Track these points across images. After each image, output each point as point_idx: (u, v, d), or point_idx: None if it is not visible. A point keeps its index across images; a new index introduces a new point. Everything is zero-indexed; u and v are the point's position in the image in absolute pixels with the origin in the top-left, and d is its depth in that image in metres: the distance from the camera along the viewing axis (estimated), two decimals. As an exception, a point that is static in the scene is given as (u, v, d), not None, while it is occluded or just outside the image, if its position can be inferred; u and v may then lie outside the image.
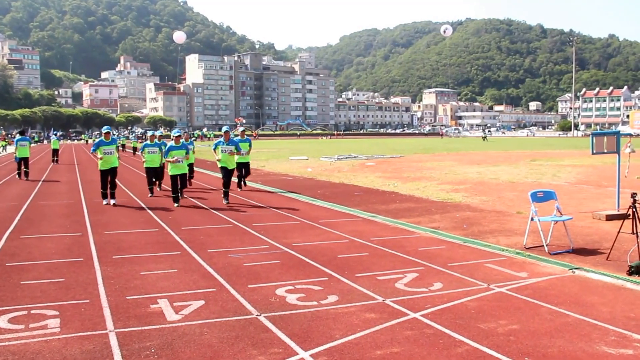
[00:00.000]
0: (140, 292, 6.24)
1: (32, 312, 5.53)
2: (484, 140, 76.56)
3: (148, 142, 15.68)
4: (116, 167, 13.84)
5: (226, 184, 14.09)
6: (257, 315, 5.45)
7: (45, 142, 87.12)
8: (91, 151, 13.92)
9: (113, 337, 4.84)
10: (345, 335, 4.89)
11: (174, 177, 13.56)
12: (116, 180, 14.14)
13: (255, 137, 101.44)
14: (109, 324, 5.19)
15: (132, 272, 7.11)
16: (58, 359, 4.40)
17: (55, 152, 33.59)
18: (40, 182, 20.66)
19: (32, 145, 34.85)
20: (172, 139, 13.74)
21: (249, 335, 4.91)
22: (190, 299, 5.95)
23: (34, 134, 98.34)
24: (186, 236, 9.62)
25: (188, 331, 5.02)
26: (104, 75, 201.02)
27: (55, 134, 45.44)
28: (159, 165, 15.66)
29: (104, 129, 14.03)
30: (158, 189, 16.68)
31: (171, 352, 4.53)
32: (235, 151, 14.49)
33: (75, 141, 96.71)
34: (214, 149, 14.47)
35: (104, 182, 13.83)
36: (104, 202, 13.83)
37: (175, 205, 13.38)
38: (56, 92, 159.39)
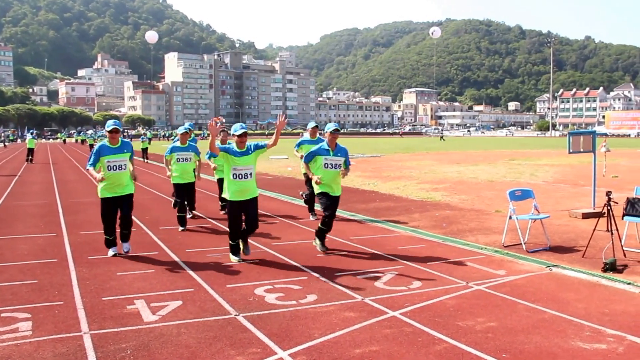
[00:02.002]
0: (116, 293, 6.15)
1: (3, 315, 5.40)
2: (441, 139, 77.35)
3: (178, 143, 10.53)
4: (131, 195, 8.10)
5: (328, 221, 8.24)
6: (236, 315, 5.40)
7: (19, 140, 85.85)
8: (87, 167, 7.94)
9: (88, 339, 4.75)
10: (324, 335, 4.87)
11: (237, 207, 7.52)
12: (132, 216, 8.33)
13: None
14: (83, 325, 5.10)
15: (108, 273, 7.00)
16: (30, 361, 4.30)
17: (30, 151, 33.07)
18: (14, 182, 20.32)
19: (7, 144, 34.69)
20: (233, 138, 7.82)
21: (227, 336, 4.86)
22: (168, 300, 5.88)
23: (7, 133, 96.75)
24: (164, 236, 9.52)
25: (165, 332, 4.95)
26: (81, 73, 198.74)
27: (32, 133, 44.76)
28: (194, 180, 10.56)
29: (109, 125, 7.88)
30: (188, 215, 11.04)
31: (148, 353, 4.47)
32: (345, 168, 8.42)
33: (51, 140, 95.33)
34: (308, 162, 8.44)
35: (109, 219, 7.91)
36: (110, 252, 7.97)
37: (236, 259, 7.62)
38: (30, 90, 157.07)
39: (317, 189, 8.27)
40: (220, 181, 11.11)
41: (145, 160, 32.14)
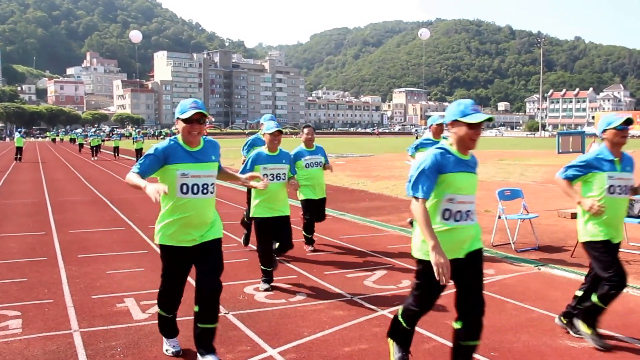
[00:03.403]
0: (106, 291, 6.13)
1: (-7, 312, 5.39)
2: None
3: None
4: (218, 243, 4.28)
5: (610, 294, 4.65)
6: (226, 313, 5.41)
7: (7, 139, 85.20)
8: (135, 170, 4.00)
9: (77, 337, 4.75)
10: (314, 333, 4.88)
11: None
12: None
13: (205, 135, 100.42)
14: (73, 323, 5.09)
15: (98, 272, 6.98)
16: (19, 360, 4.30)
17: (19, 150, 32.85)
18: (2, 181, 20.18)
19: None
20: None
21: (217, 333, 4.82)
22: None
23: None
24: (153, 235, 9.47)
25: (155, 330, 4.92)
26: (70, 71, 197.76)
27: (20, 132, 44.45)
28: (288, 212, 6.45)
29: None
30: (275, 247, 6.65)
31: (137, 351, 4.47)
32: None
33: (40, 139, 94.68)
34: (572, 180, 4.77)
35: (174, 283, 4.40)
36: (168, 347, 4.47)
37: None
38: (19, 88, 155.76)
39: (590, 235, 4.62)
40: (306, 203, 7.97)
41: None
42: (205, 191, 4.08)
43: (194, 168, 4.05)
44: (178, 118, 4.05)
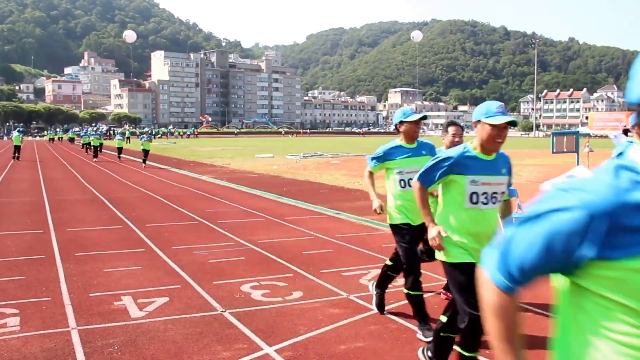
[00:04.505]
0: (103, 289, 6.17)
1: (-9, 310, 5.42)
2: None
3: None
4: None
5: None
6: (222, 311, 5.45)
7: (5, 138, 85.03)
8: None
9: (75, 335, 4.79)
10: (310, 331, 4.93)
11: None
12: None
13: (196, 135, 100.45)
14: (71, 321, 5.13)
15: (95, 270, 7.02)
16: (17, 358, 4.33)
17: (16, 148, 32.77)
18: (0, 179, 20.16)
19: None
20: None
21: (214, 331, 4.91)
22: (155, 296, 5.92)
23: None
24: (151, 233, 9.53)
25: (152, 328, 4.99)
26: (67, 70, 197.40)
27: (18, 130, 44.33)
28: None
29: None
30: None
31: (135, 349, 4.51)
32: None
33: (37, 137, 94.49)
34: None
35: None
36: None
37: None
38: (17, 87, 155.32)
39: None
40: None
41: (144, 165, 26.56)
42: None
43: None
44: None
